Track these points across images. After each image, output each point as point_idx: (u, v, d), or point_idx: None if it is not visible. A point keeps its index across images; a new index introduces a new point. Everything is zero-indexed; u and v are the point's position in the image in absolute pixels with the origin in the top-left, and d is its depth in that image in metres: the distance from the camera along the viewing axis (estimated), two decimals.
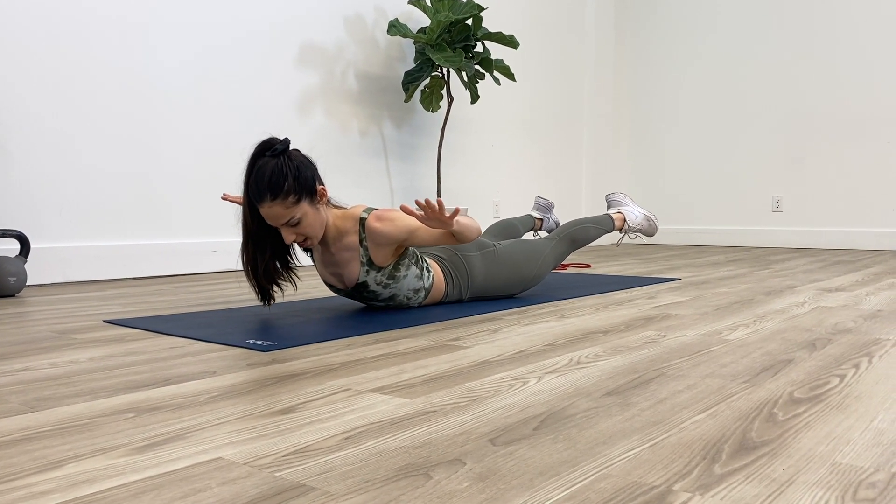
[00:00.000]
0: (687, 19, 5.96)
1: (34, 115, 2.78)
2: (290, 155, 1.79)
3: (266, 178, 1.73)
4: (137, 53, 3.08)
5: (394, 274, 1.92)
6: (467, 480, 0.75)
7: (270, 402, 1.07)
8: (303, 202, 1.78)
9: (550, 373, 1.26)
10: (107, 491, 0.73)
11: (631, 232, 2.60)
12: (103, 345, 1.53)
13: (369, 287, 1.93)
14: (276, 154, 1.77)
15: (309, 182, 1.79)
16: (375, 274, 1.90)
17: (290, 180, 1.74)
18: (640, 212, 2.63)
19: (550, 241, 2.33)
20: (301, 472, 0.78)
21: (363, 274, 1.90)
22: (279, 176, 1.73)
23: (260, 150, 1.78)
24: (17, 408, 1.04)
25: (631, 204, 2.68)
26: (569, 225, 2.42)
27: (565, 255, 2.38)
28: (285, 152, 1.78)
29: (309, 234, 1.82)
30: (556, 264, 2.35)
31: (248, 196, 1.79)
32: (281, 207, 1.75)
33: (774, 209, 5.57)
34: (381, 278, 1.91)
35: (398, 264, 1.92)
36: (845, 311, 2.02)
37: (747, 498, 0.70)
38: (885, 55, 5.07)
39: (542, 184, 5.53)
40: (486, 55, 4.01)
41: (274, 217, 1.76)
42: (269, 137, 1.80)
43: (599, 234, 2.47)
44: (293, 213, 1.76)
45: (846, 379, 1.21)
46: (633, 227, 2.60)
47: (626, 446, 0.86)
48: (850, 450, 0.85)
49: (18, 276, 2.42)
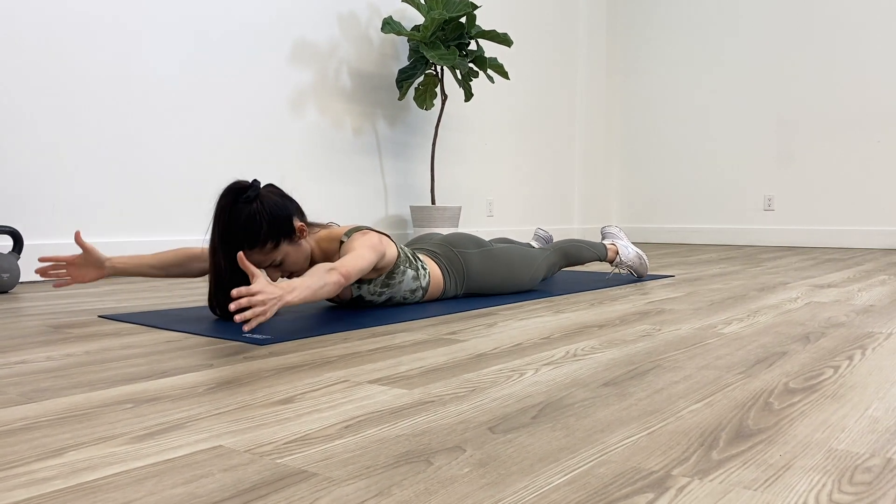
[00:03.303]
0: (679, 19, 5.99)
1: (26, 111, 2.77)
2: (263, 199, 1.70)
3: (241, 229, 1.66)
4: (130, 51, 3.07)
5: (388, 282, 1.91)
6: (468, 466, 0.76)
7: (269, 392, 1.07)
8: (282, 245, 1.73)
9: (547, 365, 1.26)
10: (109, 477, 0.73)
11: (623, 266, 2.67)
12: (99, 338, 1.53)
13: (365, 299, 1.93)
14: (249, 201, 1.68)
15: (286, 224, 1.73)
16: (368, 286, 1.89)
17: (265, 228, 1.68)
18: (633, 249, 2.73)
19: (544, 251, 2.40)
20: (302, 458, 0.78)
21: (355, 290, 1.90)
22: (254, 225, 1.66)
23: (231, 198, 1.68)
24: (16, 398, 1.04)
25: (625, 239, 2.77)
26: (564, 241, 2.50)
27: (556, 267, 2.45)
28: (258, 198, 1.70)
29: (293, 269, 1.80)
30: (548, 274, 2.40)
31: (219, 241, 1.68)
32: (260, 255, 1.72)
33: (766, 208, 5.60)
34: (375, 288, 1.91)
35: (392, 273, 1.90)
36: (838, 306, 2.04)
37: (745, 482, 0.71)
38: (875, 54, 5.11)
39: (535, 181, 5.54)
40: (479, 53, 4.02)
41: (254, 263, 1.73)
42: (238, 181, 1.69)
43: (592, 257, 2.54)
44: (273, 258, 1.74)
45: (840, 370, 1.22)
46: (625, 262, 2.69)
47: (624, 434, 0.87)
48: (846, 437, 0.86)
49: (11, 273, 2.41)
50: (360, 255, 1.69)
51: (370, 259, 1.72)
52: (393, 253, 1.87)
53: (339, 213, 3.99)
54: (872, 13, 5.11)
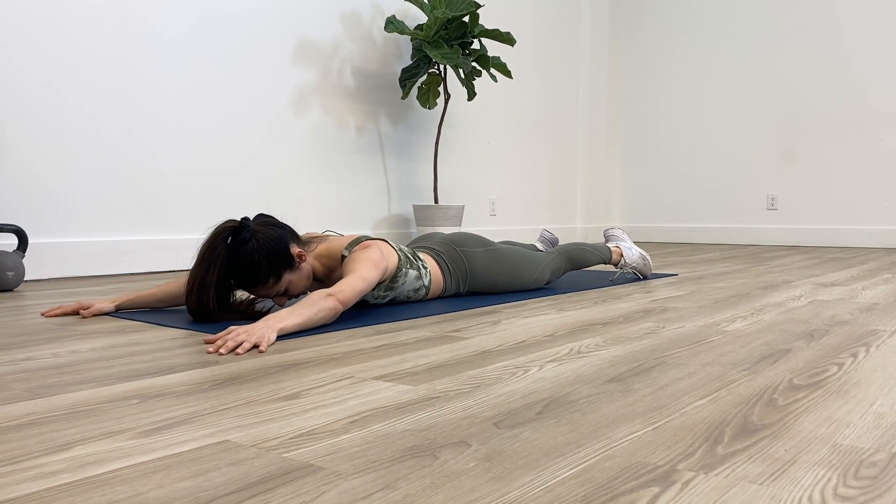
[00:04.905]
0: (681, 17, 5.98)
1: (32, 110, 2.78)
2: (257, 236, 1.68)
3: (241, 272, 1.67)
4: (134, 50, 3.07)
5: (391, 286, 1.92)
6: (473, 461, 0.76)
7: (275, 388, 1.07)
8: (284, 276, 1.73)
9: (551, 361, 1.26)
10: (116, 471, 0.73)
11: (627, 268, 2.67)
12: (105, 336, 1.53)
13: (369, 302, 1.94)
14: (245, 241, 1.67)
15: (284, 256, 1.72)
16: (371, 291, 1.90)
17: (265, 266, 1.68)
18: (637, 251, 2.72)
19: (549, 255, 2.39)
20: (308, 453, 0.78)
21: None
22: (253, 266, 1.66)
23: (223, 239, 1.66)
24: (22, 394, 1.04)
25: (628, 241, 2.77)
26: (569, 244, 2.49)
27: (561, 271, 2.43)
28: (253, 237, 1.68)
29: (298, 293, 1.82)
30: (553, 278, 2.39)
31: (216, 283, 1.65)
32: (264, 290, 1.73)
33: (769, 207, 5.59)
34: (379, 293, 1.91)
35: (395, 277, 1.91)
36: (842, 305, 2.04)
37: (751, 476, 0.71)
38: (879, 54, 5.10)
39: (538, 180, 5.54)
40: (482, 52, 4.02)
41: (260, 297, 1.77)
42: (227, 222, 1.69)
43: (596, 260, 2.54)
44: (277, 289, 1.75)
45: (845, 367, 1.22)
46: (629, 264, 2.69)
47: (629, 429, 0.87)
48: (851, 432, 0.86)
49: (16, 271, 2.42)
50: (360, 278, 1.68)
51: (371, 280, 1.70)
52: (394, 263, 1.86)
53: (342, 212, 3.99)
54: (876, 12, 5.10)
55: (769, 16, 5.55)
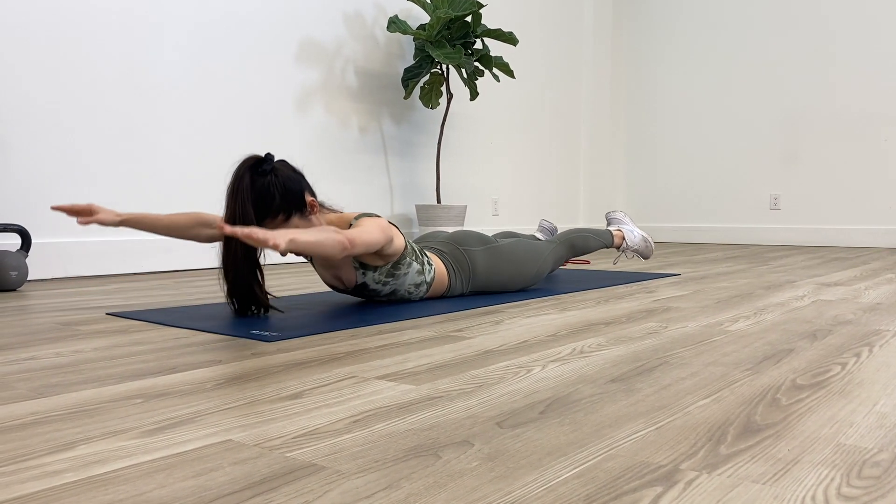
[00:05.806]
0: (686, 17, 5.98)
1: (35, 110, 2.78)
2: (277, 171, 1.75)
3: (253, 199, 1.70)
4: (137, 49, 3.08)
5: (393, 272, 1.93)
6: (476, 460, 0.76)
7: (277, 388, 1.07)
8: (293, 218, 1.77)
9: (554, 361, 1.26)
10: (120, 470, 0.73)
11: (629, 251, 2.67)
12: (108, 335, 1.54)
13: (369, 287, 1.94)
14: (265, 173, 1.72)
15: (297, 197, 1.76)
16: (373, 274, 1.91)
17: (277, 199, 1.72)
18: (639, 233, 2.72)
19: (551, 244, 2.38)
20: (311, 452, 0.78)
21: (360, 276, 1.92)
22: (266, 196, 1.71)
23: (245, 169, 1.71)
24: (26, 394, 1.04)
25: (630, 224, 2.77)
26: (570, 231, 2.49)
27: (563, 259, 2.44)
28: (273, 171, 1.74)
29: None
30: (555, 266, 2.40)
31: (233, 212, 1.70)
32: (271, 226, 1.75)
33: (772, 207, 5.59)
34: (380, 277, 1.92)
35: (398, 263, 1.92)
36: (845, 304, 2.03)
37: (754, 476, 0.71)
38: (882, 53, 5.09)
39: (541, 180, 5.54)
40: (485, 52, 4.02)
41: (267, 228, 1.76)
42: (252, 155, 1.75)
43: (598, 245, 2.54)
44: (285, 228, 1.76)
45: (848, 367, 1.22)
46: (631, 247, 2.69)
47: (632, 429, 0.87)
48: (854, 432, 0.86)
49: (19, 271, 2.42)
50: (367, 230, 1.72)
51: (377, 237, 1.74)
52: (400, 242, 1.89)
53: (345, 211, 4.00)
54: (880, 12, 5.09)
55: (772, 15, 5.54)
